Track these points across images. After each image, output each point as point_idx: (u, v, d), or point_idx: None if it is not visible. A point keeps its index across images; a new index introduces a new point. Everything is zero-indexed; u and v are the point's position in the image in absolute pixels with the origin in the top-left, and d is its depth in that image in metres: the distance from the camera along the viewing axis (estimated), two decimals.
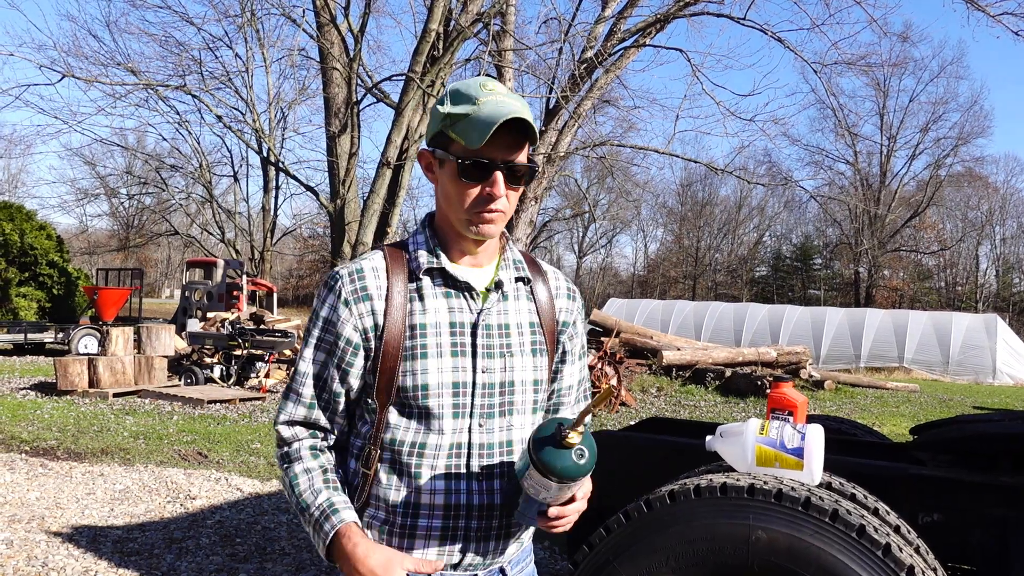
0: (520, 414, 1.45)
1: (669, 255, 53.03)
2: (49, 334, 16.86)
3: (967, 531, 2.39)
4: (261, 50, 23.20)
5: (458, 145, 1.36)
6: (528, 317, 1.49)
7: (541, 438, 1.24)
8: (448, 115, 1.36)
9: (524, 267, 1.51)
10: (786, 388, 2.75)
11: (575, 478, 1.24)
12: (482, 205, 1.37)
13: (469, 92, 1.36)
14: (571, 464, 1.22)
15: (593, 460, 1.25)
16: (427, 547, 1.39)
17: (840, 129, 40.80)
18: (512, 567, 1.50)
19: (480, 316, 1.42)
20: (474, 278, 1.45)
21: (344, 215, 14.42)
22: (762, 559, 1.97)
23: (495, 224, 1.40)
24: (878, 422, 10.66)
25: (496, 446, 1.41)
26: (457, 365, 1.39)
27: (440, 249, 1.44)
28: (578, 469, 1.23)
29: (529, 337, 1.47)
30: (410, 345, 1.38)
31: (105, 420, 8.78)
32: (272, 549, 4.67)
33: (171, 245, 47.49)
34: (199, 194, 30.18)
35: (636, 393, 12.54)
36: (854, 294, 43.22)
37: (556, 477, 1.23)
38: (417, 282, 1.42)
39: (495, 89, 1.36)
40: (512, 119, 1.31)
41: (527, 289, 1.51)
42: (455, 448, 1.39)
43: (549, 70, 14.06)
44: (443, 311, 1.41)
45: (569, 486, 1.26)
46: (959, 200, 45.57)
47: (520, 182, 1.40)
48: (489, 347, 1.42)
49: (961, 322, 20.76)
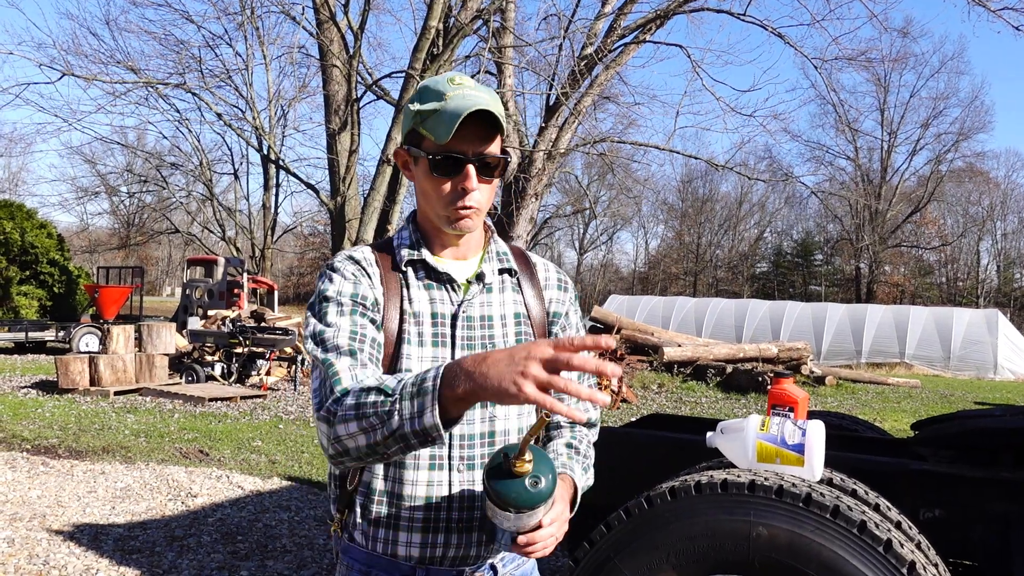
0: (503, 406, 1.43)
1: (670, 251, 53.03)
2: (50, 332, 16.88)
3: (968, 526, 2.39)
4: (261, 48, 23.18)
5: (429, 141, 1.36)
6: (513, 308, 1.49)
7: (492, 468, 1.20)
8: (418, 112, 1.37)
9: (510, 259, 1.52)
10: (787, 384, 2.75)
11: (532, 506, 1.19)
12: (457, 200, 1.38)
13: (437, 88, 1.36)
14: (524, 492, 1.18)
15: (551, 485, 1.19)
16: (411, 537, 1.39)
17: (841, 125, 40.70)
18: (505, 564, 1.49)
19: (460, 307, 1.43)
20: (456, 270, 1.46)
21: (345, 212, 14.41)
22: (763, 555, 1.97)
23: (472, 219, 1.41)
24: (879, 418, 10.66)
25: (477, 437, 1.41)
26: (436, 355, 1.40)
27: (423, 243, 1.46)
28: (532, 497, 1.18)
29: (513, 328, 1.47)
30: (401, 330, 1.40)
31: (106, 418, 8.78)
32: (273, 547, 4.67)
33: (172, 243, 47.52)
34: (200, 192, 30.21)
35: (637, 390, 12.54)
36: (855, 290, 43.22)
37: (513, 508, 1.19)
38: (402, 274, 1.44)
39: (463, 83, 1.37)
40: (478, 111, 1.31)
41: (513, 281, 1.51)
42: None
43: (549, 67, 14.04)
44: (425, 302, 1.42)
45: (529, 514, 1.21)
46: (960, 195, 45.56)
47: (493, 174, 1.40)
48: (470, 338, 1.42)
49: (962, 317, 20.76)
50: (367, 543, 1.43)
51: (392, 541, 1.40)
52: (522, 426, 1.47)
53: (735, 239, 51.38)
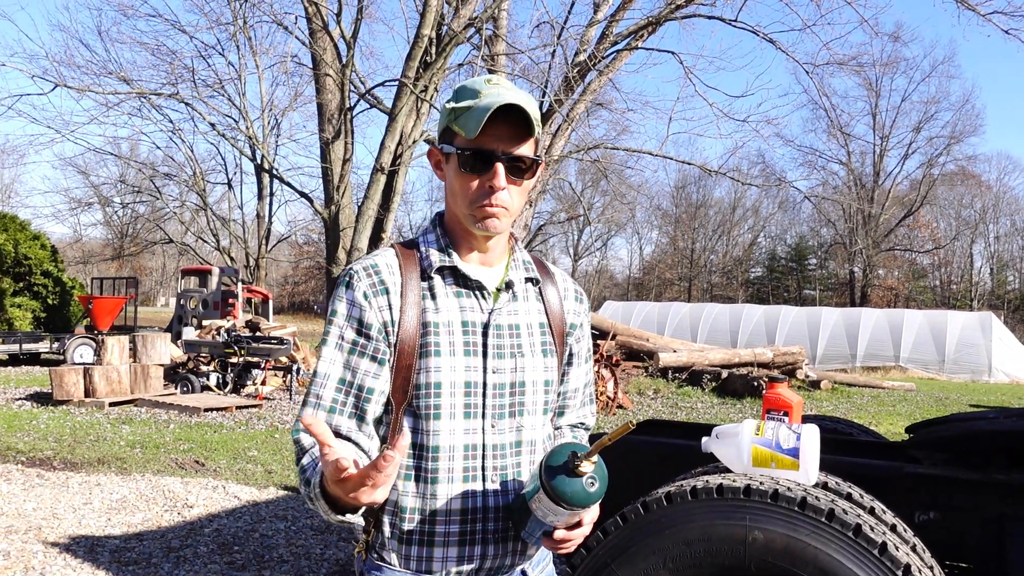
0: (530, 415, 1.44)
1: (664, 257, 53.09)
2: (44, 344, 16.79)
3: (964, 529, 2.40)
4: (254, 57, 23.19)
5: (460, 138, 1.36)
6: (538, 318, 1.48)
7: (553, 465, 1.26)
8: (452, 109, 1.37)
9: (533, 268, 1.51)
10: (781, 389, 2.76)
11: (585, 505, 1.27)
12: (484, 198, 1.36)
13: (474, 87, 1.36)
14: (582, 492, 1.24)
15: (604, 488, 1.27)
16: (447, 552, 1.38)
17: (833, 129, 40.81)
18: (533, 568, 1.50)
19: (492, 316, 1.41)
20: (485, 277, 1.44)
21: (339, 221, 14.42)
22: (759, 560, 1.97)
23: (499, 219, 1.38)
24: (874, 421, 10.68)
25: (508, 447, 1.41)
26: (469, 364, 1.38)
27: (451, 248, 1.44)
28: (588, 497, 1.25)
29: (539, 338, 1.47)
30: (423, 343, 1.37)
31: (101, 429, 8.75)
32: (270, 557, 4.66)
33: (166, 253, 47.39)
34: (193, 202, 30.13)
35: (633, 395, 12.54)
36: (849, 294, 43.33)
37: (566, 504, 1.25)
38: (429, 280, 1.41)
39: (499, 83, 1.36)
40: (509, 106, 1.30)
41: (536, 290, 1.51)
42: (470, 450, 1.38)
43: (542, 74, 14.08)
44: (455, 310, 1.40)
45: (578, 512, 1.29)
46: (952, 199, 45.73)
47: (523, 176, 1.38)
48: (500, 347, 1.41)
49: (956, 320, 20.82)
50: (400, 562, 1.40)
51: (427, 558, 1.38)
52: (544, 437, 1.48)
53: (729, 244, 51.49)
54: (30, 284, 20.64)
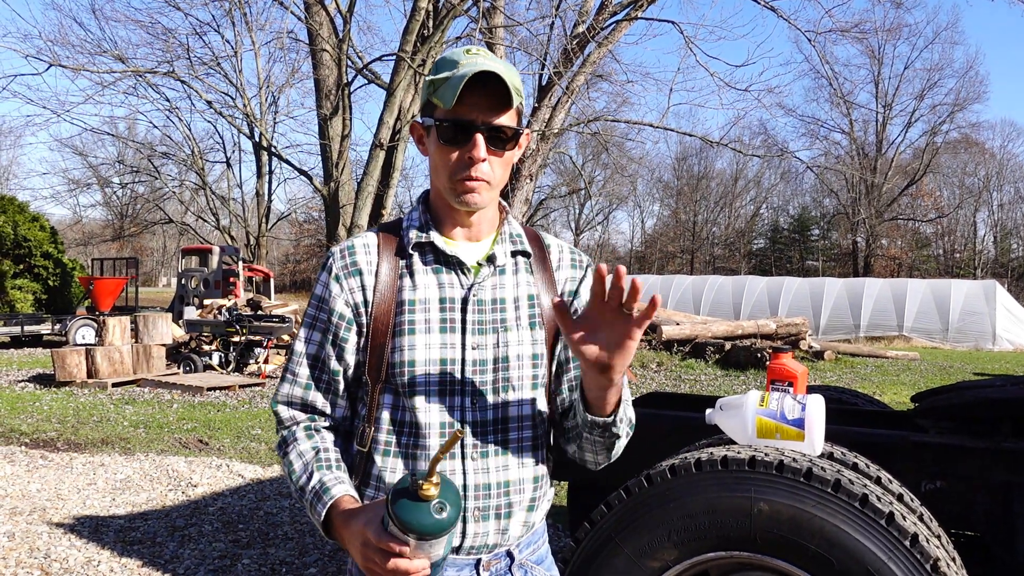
0: (516, 391, 1.40)
1: (666, 230, 53.01)
2: (46, 326, 16.85)
3: (970, 497, 2.38)
4: (249, 34, 22.91)
5: (440, 109, 1.33)
6: (527, 290, 1.44)
7: (398, 490, 1.09)
8: (431, 81, 1.34)
9: (523, 241, 1.47)
10: (785, 359, 2.73)
11: (435, 534, 1.09)
12: (464, 170, 1.33)
13: (453, 58, 1.34)
14: (429, 519, 1.07)
15: (456, 513, 1.09)
16: None
17: (835, 98, 40.52)
18: (521, 550, 1.45)
19: (471, 291, 1.39)
20: (466, 252, 1.41)
21: (338, 198, 14.35)
22: (765, 531, 1.96)
23: (479, 193, 1.35)
24: (879, 391, 10.68)
25: (491, 424, 1.38)
26: (445, 341, 1.36)
27: (433, 224, 1.41)
28: (436, 525, 1.08)
29: (527, 311, 1.43)
30: (398, 321, 1.36)
31: (104, 410, 8.77)
32: (275, 534, 4.67)
33: (166, 233, 47.33)
34: (192, 181, 30.03)
35: (636, 368, 12.55)
36: (852, 264, 43.26)
37: (415, 534, 1.08)
38: (407, 258, 1.40)
39: (479, 52, 1.34)
40: (488, 75, 1.27)
41: (527, 263, 1.46)
42: (448, 427, 1.36)
43: (541, 46, 13.93)
44: (433, 287, 1.38)
45: (431, 543, 1.11)
46: (956, 167, 45.52)
47: (504, 147, 1.35)
48: (480, 323, 1.38)
49: (960, 289, 20.77)
50: None
51: None
52: (537, 412, 1.42)
53: (731, 216, 51.35)
54: (30, 266, 20.64)
